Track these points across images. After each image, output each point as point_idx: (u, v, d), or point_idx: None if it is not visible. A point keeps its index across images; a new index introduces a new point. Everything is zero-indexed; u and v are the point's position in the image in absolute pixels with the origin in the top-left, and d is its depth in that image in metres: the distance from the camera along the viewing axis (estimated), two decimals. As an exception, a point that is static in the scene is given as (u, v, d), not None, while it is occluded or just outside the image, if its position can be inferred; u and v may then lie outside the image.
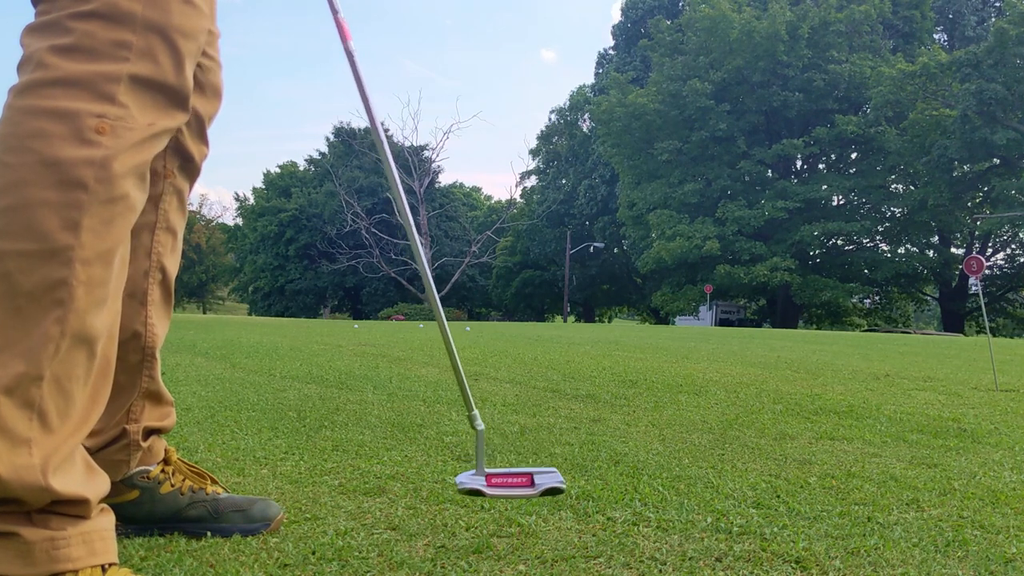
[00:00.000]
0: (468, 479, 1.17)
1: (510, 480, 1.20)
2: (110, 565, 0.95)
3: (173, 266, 1.28)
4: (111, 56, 0.92)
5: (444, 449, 2.11)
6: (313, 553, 1.24)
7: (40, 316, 0.87)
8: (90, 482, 0.95)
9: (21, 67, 0.94)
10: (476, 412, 1.20)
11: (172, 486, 1.31)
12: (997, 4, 38.82)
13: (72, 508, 0.92)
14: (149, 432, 1.29)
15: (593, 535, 1.36)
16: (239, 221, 57.20)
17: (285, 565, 1.19)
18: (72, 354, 0.90)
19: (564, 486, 1.22)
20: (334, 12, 1.20)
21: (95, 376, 0.95)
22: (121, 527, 1.27)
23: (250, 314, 51.12)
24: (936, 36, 40.87)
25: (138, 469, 1.28)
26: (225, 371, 4.23)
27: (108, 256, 0.92)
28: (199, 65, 1.24)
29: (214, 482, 1.37)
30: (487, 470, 1.19)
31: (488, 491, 1.20)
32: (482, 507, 1.52)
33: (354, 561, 1.20)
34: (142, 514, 1.29)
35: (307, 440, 2.20)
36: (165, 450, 1.34)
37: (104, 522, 0.97)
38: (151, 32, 0.95)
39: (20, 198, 0.87)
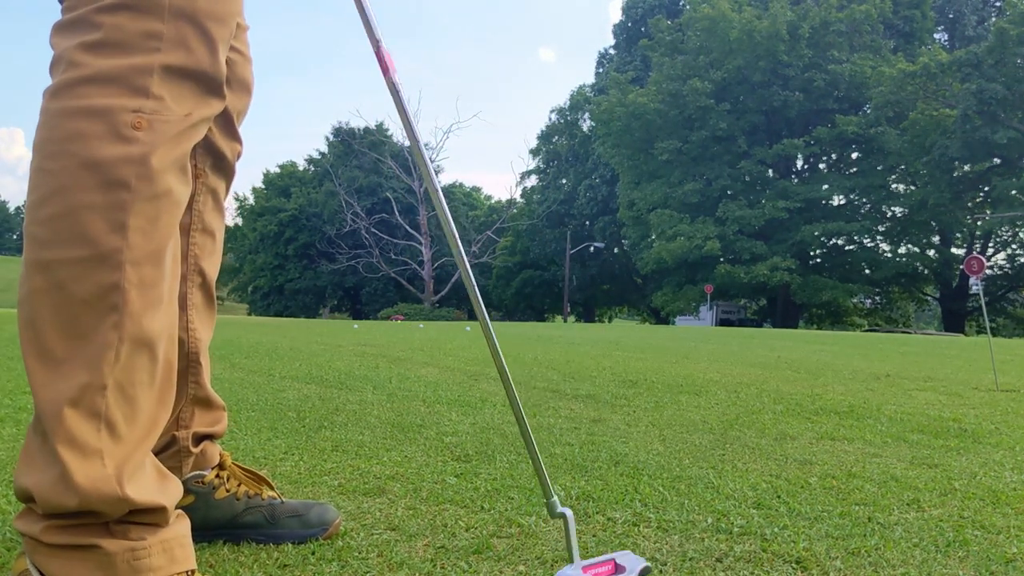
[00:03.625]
0: (572, 573, 1.09)
1: (600, 570, 1.13)
2: (191, 572, 0.94)
3: (213, 268, 1.26)
4: (142, 48, 0.90)
5: (444, 449, 2.11)
6: (312, 553, 1.23)
7: (97, 323, 0.86)
8: (164, 488, 0.94)
9: (53, 68, 0.92)
10: (555, 498, 1.13)
11: (227, 491, 1.28)
12: (997, 4, 38.80)
13: (150, 516, 0.91)
14: (200, 438, 1.26)
15: (593, 535, 1.36)
16: (239, 221, 57.21)
17: (285, 565, 1.18)
18: (133, 359, 0.88)
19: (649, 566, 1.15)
20: (375, 43, 1.12)
21: (160, 379, 0.93)
22: None
23: (249, 314, 51.13)
24: (937, 36, 40.87)
25: (192, 474, 1.26)
26: (224, 371, 4.22)
27: (158, 255, 0.90)
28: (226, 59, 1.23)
29: (270, 487, 1.34)
30: (581, 562, 1.11)
31: None
32: (482, 508, 1.51)
33: (353, 562, 1.20)
34: (197, 520, 1.24)
35: (306, 440, 2.20)
36: (220, 455, 1.31)
37: (181, 528, 0.96)
38: (180, 19, 0.92)
39: (65, 205, 0.86)
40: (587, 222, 48.52)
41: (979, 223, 34.04)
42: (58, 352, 0.86)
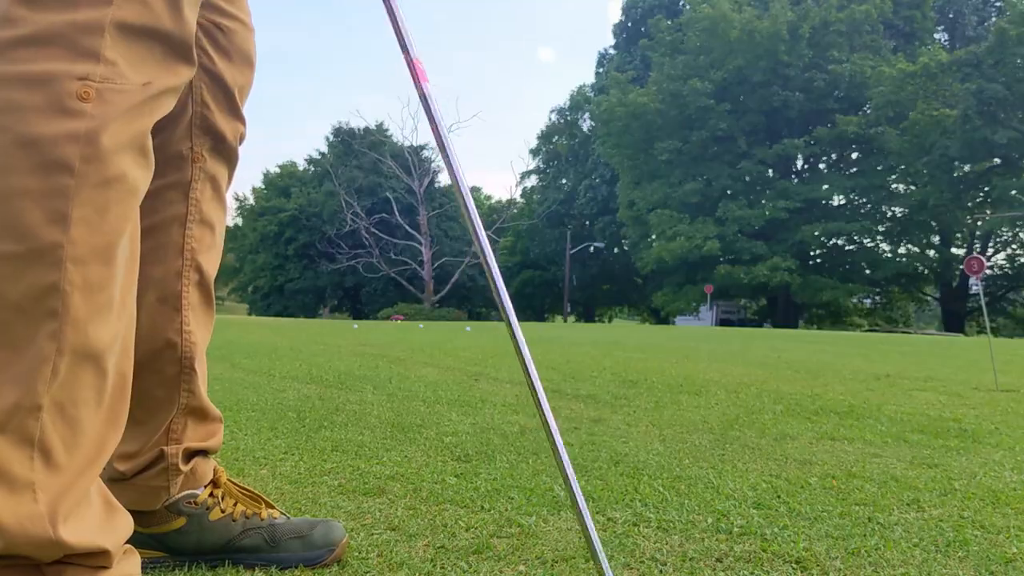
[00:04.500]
0: None
1: None
2: None
3: (212, 264, 1.14)
4: (90, 0, 0.76)
5: (444, 449, 2.11)
6: (312, 554, 1.23)
7: (31, 332, 0.72)
8: (109, 527, 0.82)
9: None
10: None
11: (223, 512, 1.16)
12: (998, 4, 38.79)
13: (90, 560, 0.79)
14: (191, 454, 1.14)
15: (593, 536, 1.36)
16: (239, 221, 57.19)
17: (284, 565, 1.18)
18: (76, 374, 0.75)
19: None
20: (405, 51, 1.04)
21: (110, 397, 0.80)
22: (169, 559, 1.16)
23: (249, 314, 51.13)
24: (937, 36, 40.88)
25: (184, 494, 1.14)
26: (224, 371, 4.23)
27: (107, 252, 0.77)
28: (219, 27, 1.10)
29: (269, 505, 1.23)
30: None
31: None
32: (482, 508, 1.51)
33: (354, 562, 1.20)
34: (190, 544, 1.15)
35: (306, 440, 2.20)
36: (214, 470, 1.19)
37: (128, 567, 0.84)
38: None
39: None
40: (587, 222, 48.54)
41: (979, 223, 34.06)
42: None
